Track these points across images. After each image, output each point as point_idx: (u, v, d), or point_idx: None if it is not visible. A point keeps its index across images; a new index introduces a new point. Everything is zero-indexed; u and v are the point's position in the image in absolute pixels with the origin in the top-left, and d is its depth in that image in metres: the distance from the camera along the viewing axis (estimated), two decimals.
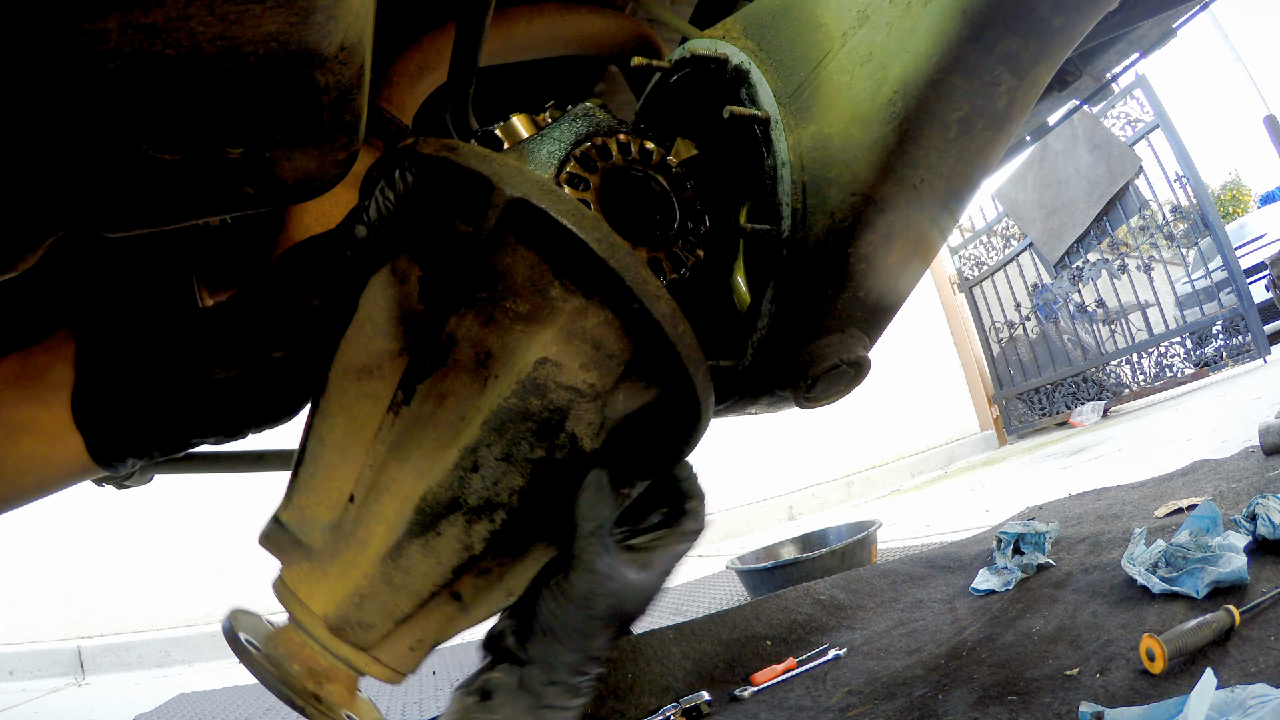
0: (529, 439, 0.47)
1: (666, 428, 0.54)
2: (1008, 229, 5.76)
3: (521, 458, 0.47)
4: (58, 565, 3.32)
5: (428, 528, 0.47)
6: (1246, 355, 4.30)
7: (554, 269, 0.46)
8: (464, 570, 0.49)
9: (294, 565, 0.52)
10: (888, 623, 1.35)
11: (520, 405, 0.46)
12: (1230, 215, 13.42)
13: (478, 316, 0.46)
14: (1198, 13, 1.31)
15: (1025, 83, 0.59)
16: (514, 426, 0.46)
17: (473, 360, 0.46)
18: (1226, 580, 0.96)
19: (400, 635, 0.50)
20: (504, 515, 0.48)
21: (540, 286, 0.46)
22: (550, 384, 0.46)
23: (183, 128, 0.41)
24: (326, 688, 0.49)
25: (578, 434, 0.48)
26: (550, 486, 0.48)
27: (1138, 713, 0.70)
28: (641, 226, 0.58)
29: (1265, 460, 1.72)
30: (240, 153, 0.43)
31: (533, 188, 0.45)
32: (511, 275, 0.46)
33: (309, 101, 0.42)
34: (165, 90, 0.37)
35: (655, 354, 0.48)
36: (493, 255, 0.46)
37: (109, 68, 0.35)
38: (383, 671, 0.51)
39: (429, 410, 0.47)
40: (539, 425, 0.47)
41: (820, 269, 0.63)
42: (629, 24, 0.96)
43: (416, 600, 0.49)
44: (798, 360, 0.67)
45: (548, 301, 0.46)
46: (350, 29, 0.39)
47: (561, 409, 0.47)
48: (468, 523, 0.48)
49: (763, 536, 3.96)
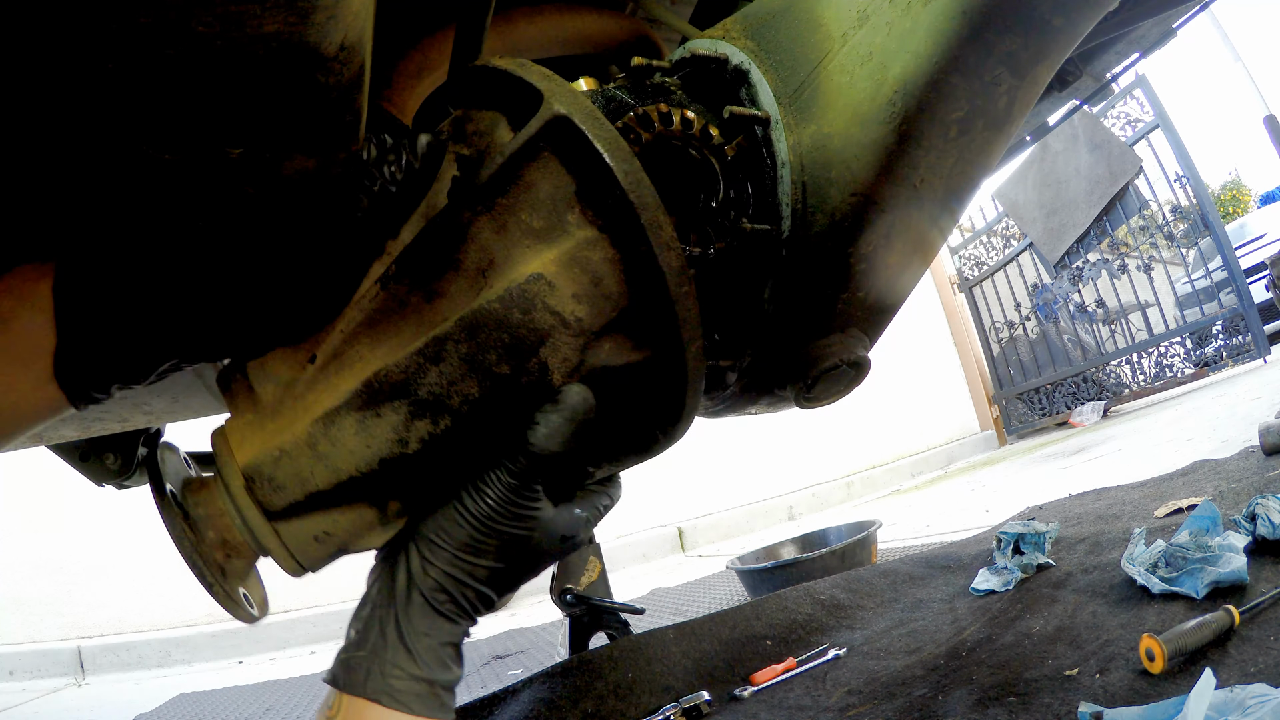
0: (499, 350, 0.45)
1: (647, 411, 0.52)
2: (1008, 229, 5.76)
3: (485, 367, 0.46)
4: (58, 565, 3.32)
5: (369, 405, 0.46)
6: (1246, 355, 4.30)
7: (578, 193, 0.46)
8: (391, 471, 0.47)
9: (239, 415, 0.50)
10: (888, 623, 1.35)
11: (501, 312, 0.45)
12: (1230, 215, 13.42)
13: (492, 221, 0.46)
14: (1198, 13, 1.31)
15: (1025, 83, 0.59)
16: (488, 332, 0.45)
17: (474, 264, 0.46)
18: (1226, 580, 0.96)
19: (310, 518, 0.48)
20: (448, 422, 0.46)
21: (559, 206, 0.46)
22: (538, 302, 0.45)
23: (182, 128, 0.41)
24: (233, 561, 0.49)
25: (550, 365, 0.47)
26: (502, 416, 0.46)
27: (1137, 713, 0.70)
28: (682, 199, 0.57)
29: (1265, 460, 1.72)
30: (240, 152, 0.43)
31: (578, 109, 0.45)
32: (536, 189, 0.46)
33: (309, 101, 0.42)
34: (165, 90, 0.37)
35: (651, 311, 0.47)
36: (525, 165, 0.46)
37: (108, 67, 0.35)
38: (282, 553, 0.49)
39: (415, 300, 0.47)
40: (513, 340, 0.45)
41: (820, 269, 0.63)
42: (629, 24, 0.96)
43: (333, 478, 0.47)
44: (798, 360, 0.67)
45: (562, 223, 0.46)
46: (350, 29, 0.39)
47: (541, 332, 0.46)
48: (410, 415, 0.46)
49: (763, 536, 3.96)
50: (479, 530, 0.46)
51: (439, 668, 0.46)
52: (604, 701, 1.16)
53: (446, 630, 0.47)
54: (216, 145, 0.42)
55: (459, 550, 0.46)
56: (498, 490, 0.46)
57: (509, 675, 1.85)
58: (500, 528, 0.46)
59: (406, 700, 0.45)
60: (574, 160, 0.46)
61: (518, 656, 2.12)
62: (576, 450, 0.48)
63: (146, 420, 1.00)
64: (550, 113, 0.45)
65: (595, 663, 1.25)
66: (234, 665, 2.97)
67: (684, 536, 4.35)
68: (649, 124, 0.56)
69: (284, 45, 0.36)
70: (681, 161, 0.58)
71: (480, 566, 0.47)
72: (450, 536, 0.46)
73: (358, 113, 0.47)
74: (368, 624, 0.46)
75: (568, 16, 0.92)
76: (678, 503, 4.53)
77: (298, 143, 0.45)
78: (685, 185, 0.58)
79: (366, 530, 0.50)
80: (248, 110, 0.41)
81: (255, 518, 0.48)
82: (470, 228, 0.46)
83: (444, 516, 0.47)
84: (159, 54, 0.35)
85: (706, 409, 0.79)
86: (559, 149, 0.46)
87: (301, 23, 0.36)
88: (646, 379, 0.50)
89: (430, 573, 0.46)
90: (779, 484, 4.90)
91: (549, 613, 2.78)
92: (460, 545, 0.46)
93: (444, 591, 0.46)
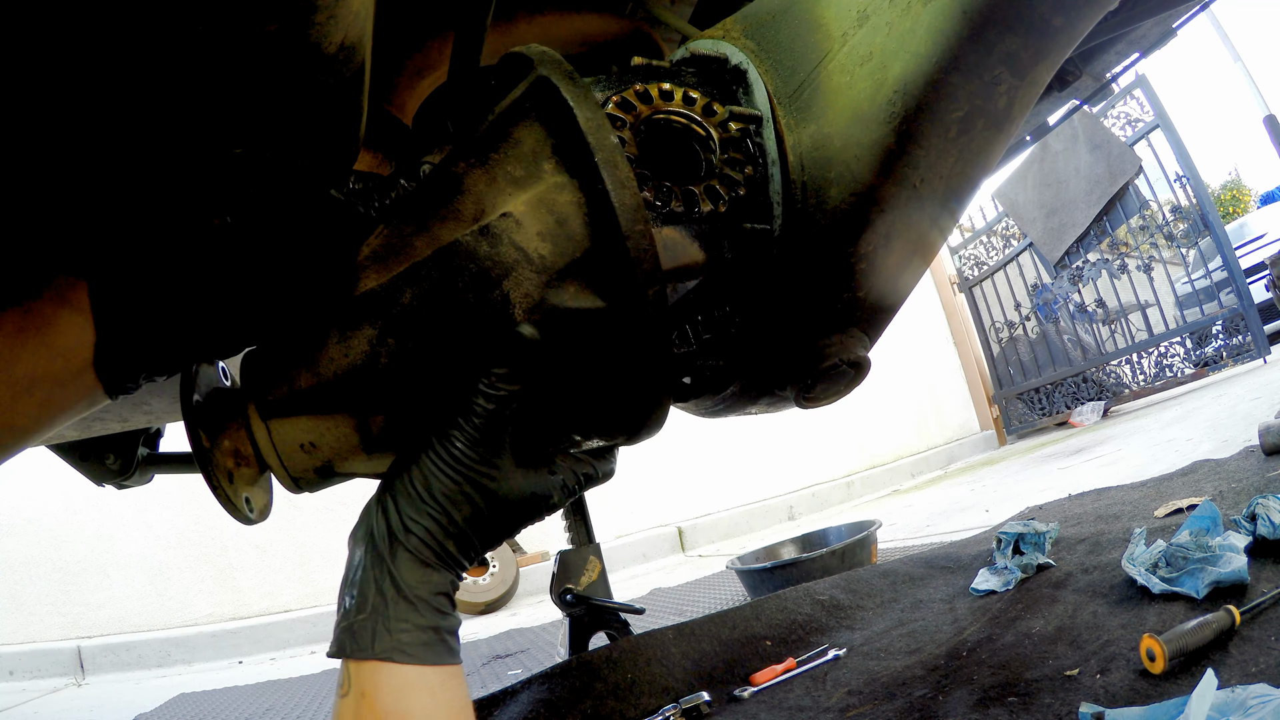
0: (465, 278, 0.49)
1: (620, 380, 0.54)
2: (1008, 229, 5.76)
3: (452, 294, 0.49)
4: (58, 565, 3.32)
5: (351, 319, 0.50)
6: (1246, 355, 4.30)
7: (555, 147, 0.51)
8: (364, 383, 0.50)
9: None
10: (887, 623, 1.35)
11: (471, 244, 0.49)
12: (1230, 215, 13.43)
13: (485, 174, 0.51)
14: (1198, 13, 1.31)
15: (1025, 83, 0.59)
16: (458, 261, 0.49)
17: (469, 212, 0.51)
18: (1227, 580, 0.96)
19: (296, 422, 0.52)
20: (415, 343, 0.50)
21: (538, 158, 0.51)
22: (504, 236, 0.49)
23: (183, 128, 0.41)
24: (242, 470, 0.53)
25: (511, 298, 0.50)
26: (467, 343, 0.50)
27: (1138, 713, 0.70)
28: (683, 169, 0.61)
29: (1265, 460, 1.72)
30: (240, 152, 0.43)
31: (557, 72, 0.51)
32: (521, 144, 0.52)
33: (309, 101, 0.42)
34: (165, 90, 0.37)
35: (609, 253, 0.50)
36: (514, 122, 0.52)
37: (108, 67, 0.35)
38: (273, 458, 0.52)
39: (409, 237, 0.51)
40: (479, 270, 0.49)
41: (820, 269, 0.63)
42: (629, 24, 0.96)
43: (316, 381, 0.51)
44: (798, 360, 0.67)
45: (538, 171, 0.51)
46: (350, 29, 0.39)
47: (505, 265, 0.50)
48: (383, 331, 0.50)
49: (763, 536, 3.96)
50: (450, 477, 0.48)
51: (438, 615, 0.48)
52: (604, 702, 1.16)
53: (436, 580, 0.48)
54: (217, 145, 0.42)
55: (433, 500, 0.48)
56: (463, 436, 0.48)
57: (509, 675, 1.85)
58: (468, 474, 0.48)
59: (416, 652, 0.46)
60: (552, 117, 0.51)
61: (518, 656, 2.12)
62: (539, 402, 0.51)
63: (146, 420, 1.00)
64: (534, 75, 0.51)
65: (595, 663, 1.25)
66: (234, 665, 2.97)
67: (684, 536, 4.35)
68: (648, 99, 0.60)
69: (284, 45, 0.36)
70: (684, 134, 0.61)
71: (455, 516, 0.49)
72: (423, 488, 0.48)
73: (358, 112, 0.47)
74: (363, 588, 0.47)
75: (568, 17, 0.92)
76: (678, 503, 4.53)
77: (298, 142, 0.45)
78: (688, 156, 0.61)
79: (349, 451, 0.53)
80: (248, 110, 0.41)
81: (253, 412, 0.52)
82: (465, 179, 0.51)
83: (417, 468, 0.49)
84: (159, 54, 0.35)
85: (706, 409, 0.79)
86: (541, 109, 0.52)
87: (302, 22, 0.36)
88: (611, 338, 0.53)
89: (411, 527, 0.48)
90: (779, 484, 4.90)
91: (549, 613, 2.78)
92: (433, 495, 0.48)
93: (426, 543, 0.48)
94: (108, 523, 3.39)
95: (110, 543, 3.40)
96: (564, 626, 1.46)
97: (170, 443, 1.33)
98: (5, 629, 3.19)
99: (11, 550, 3.32)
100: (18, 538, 3.33)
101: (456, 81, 0.64)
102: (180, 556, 3.42)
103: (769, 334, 0.67)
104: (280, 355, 0.52)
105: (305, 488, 0.55)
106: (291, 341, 0.51)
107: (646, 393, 0.55)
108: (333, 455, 0.53)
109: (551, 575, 1.46)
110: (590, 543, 1.53)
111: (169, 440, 1.33)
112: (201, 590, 3.39)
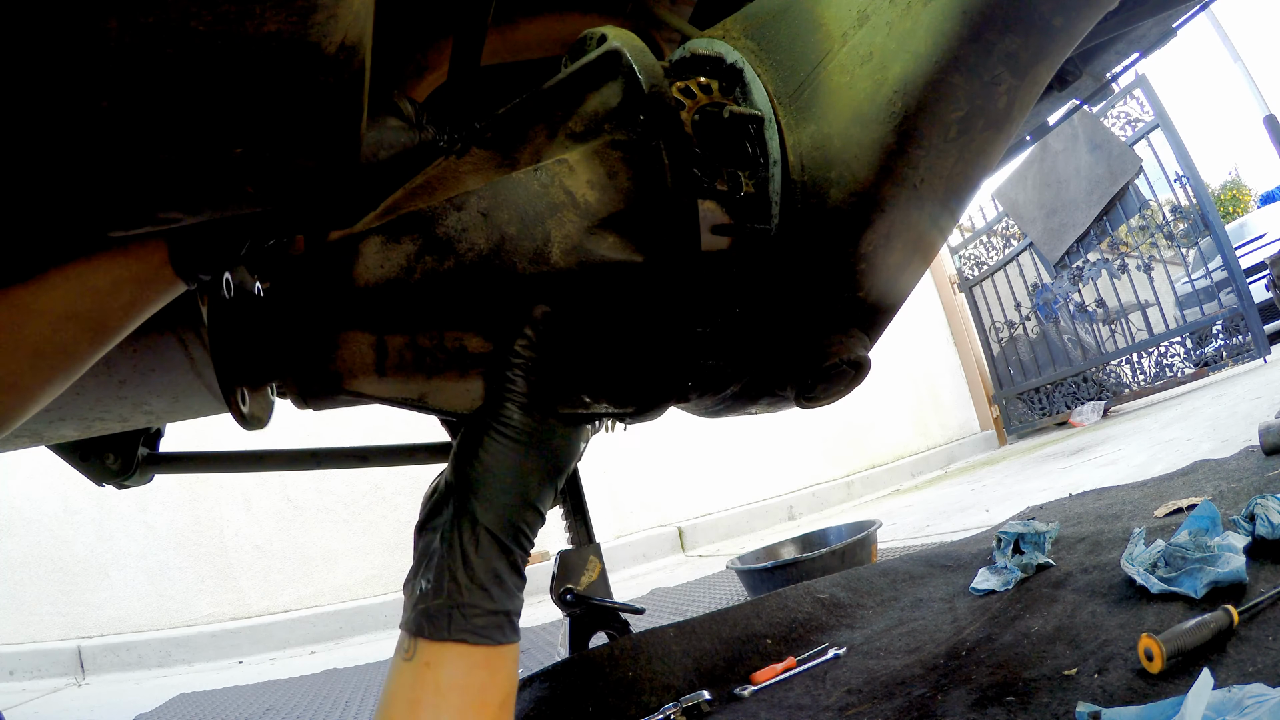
0: (511, 210, 0.52)
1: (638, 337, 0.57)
2: (1008, 229, 5.75)
3: (496, 224, 0.52)
4: (58, 565, 3.32)
5: (395, 233, 0.52)
6: (1246, 355, 4.30)
7: (616, 110, 0.55)
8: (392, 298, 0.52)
9: None
10: (887, 622, 1.35)
11: (523, 180, 0.52)
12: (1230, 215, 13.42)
13: (546, 125, 0.55)
14: (1198, 13, 1.31)
15: (1025, 82, 0.59)
16: (507, 192, 0.52)
17: (525, 159, 0.54)
18: (1225, 580, 0.96)
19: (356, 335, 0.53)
20: (451, 264, 0.52)
21: (599, 117, 0.55)
22: (556, 180, 0.53)
23: (183, 127, 0.41)
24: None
25: (552, 237, 0.52)
26: (504, 274, 0.52)
27: (1135, 712, 0.70)
28: (732, 154, 0.64)
29: (1265, 460, 1.72)
30: (240, 151, 0.44)
31: (629, 47, 0.56)
32: (585, 102, 0.56)
33: (310, 101, 0.42)
34: (165, 90, 0.37)
35: (653, 211, 0.53)
36: (582, 86, 0.56)
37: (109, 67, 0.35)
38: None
39: (465, 172, 0.54)
40: (525, 204, 0.52)
41: (821, 269, 0.63)
42: (629, 24, 0.96)
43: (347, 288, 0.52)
44: (798, 360, 0.67)
45: (598, 129, 0.55)
46: (351, 28, 0.40)
47: (552, 205, 0.52)
48: (422, 248, 0.51)
49: (763, 536, 3.96)
50: (515, 448, 0.51)
51: (510, 598, 0.51)
52: (604, 700, 1.17)
53: (509, 562, 0.51)
54: (217, 144, 0.43)
55: (505, 475, 0.51)
56: (515, 402, 0.52)
57: None
58: (532, 438, 0.52)
59: (488, 633, 0.50)
60: (619, 84, 0.55)
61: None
62: (564, 355, 0.54)
63: (147, 420, 1.00)
64: (608, 46, 0.56)
65: (596, 661, 1.25)
66: (234, 665, 2.97)
67: (684, 536, 4.35)
68: (691, 94, 0.64)
69: (284, 45, 0.37)
70: (727, 121, 0.64)
71: (527, 486, 0.52)
72: (495, 465, 0.51)
73: (358, 112, 0.47)
74: (439, 573, 0.50)
75: (568, 17, 0.92)
76: (678, 503, 4.53)
77: (298, 142, 0.45)
78: (734, 141, 0.64)
79: (361, 368, 0.54)
80: (248, 110, 0.41)
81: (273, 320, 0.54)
82: (528, 127, 0.55)
83: (484, 450, 0.51)
84: (159, 53, 0.35)
85: (706, 408, 0.79)
86: (610, 77, 0.56)
87: (302, 22, 0.36)
88: (642, 297, 0.55)
89: (488, 510, 0.51)
90: (779, 484, 4.90)
91: (549, 613, 2.79)
92: (505, 470, 0.51)
93: (504, 522, 0.51)
94: (108, 522, 3.39)
95: (110, 542, 3.40)
96: (564, 626, 1.46)
97: (170, 443, 1.33)
98: (5, 629, 3.19)
99: (11, 550, 3.32)
100: (18, 538, 3.33)
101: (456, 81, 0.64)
102: (180, 556, 3.42)
103: (769, 333, 0.67)
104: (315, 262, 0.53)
105: (311, 404, 0.56)
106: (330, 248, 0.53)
107: (667, 364, 0.57)
108: (344, 370, 0.54)
109: (552, 575, 1.46)
110: (590, 543, 1.53)
111: (169, 440, 1.33)
112: (202, 590, 3.39)
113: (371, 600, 3.38)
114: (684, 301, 0.55)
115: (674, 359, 0.57)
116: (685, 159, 0.54)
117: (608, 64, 0.56)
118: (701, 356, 0.67)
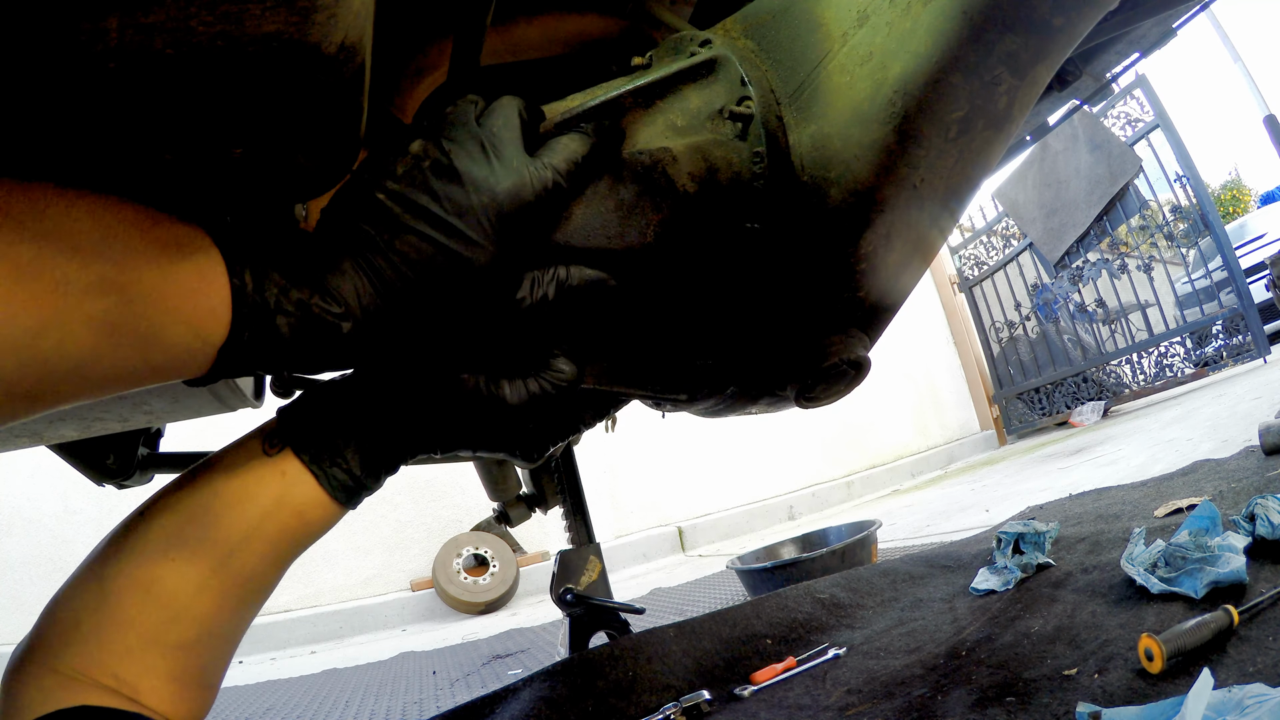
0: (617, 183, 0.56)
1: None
2: (1008, 229, 5.76)
3: (602, 194, 0.56)
4: (59, 565, 3.32)
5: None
6: (1246, 355, 4.30)
7: (720, 111, 0.59)
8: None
9: None
10: (887, 622, 1.35)
11: (629, 157, 0.56)
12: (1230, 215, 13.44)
13: (646, 114, 0.58)
14: (1198, 13, 1.31)
15: (1025, 82, 0.59)
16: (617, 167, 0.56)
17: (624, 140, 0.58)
18: (1225, 580, 0.96)
19: None
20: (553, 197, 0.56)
21: (701, 115, 0.59)
22: (658, 167, 0.56)
23: (183, 128, 0.41)
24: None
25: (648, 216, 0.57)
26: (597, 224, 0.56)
27: (1135, 712, 0.70)
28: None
29: (1265, 460, 1.72)
30: (240, 152, 0.44)
31: (736, 52, 0.61)
32: (688, 100, 0.59)
33: (309, 101, 0.42)
34: (165, 90, 0.37)
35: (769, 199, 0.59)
36: (685, 83, 0.59)
37: (108, 67, 0.35)
38: None
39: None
40: (628, 179, 0.56)
41: (820, 269, 0.63)
42: (629, 24, 0.96)
43: None
44: (798, 360, 0.67)
45: (700, 126, 0.58)
46: (351, 28, 0.40)
47: (650, 191, 0.56)
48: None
49: (763, 536, 3.97)
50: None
51: None
52: (604, 700, 1.17)
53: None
54: (216, 145, 0.43)
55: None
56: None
57: (509, 675, 1.85)
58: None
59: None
60: (724, 86, 0.59)
61: (518, 656, 2.12)
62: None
63: (147, 420, 1.00)
64: (715, 52, 0.60)
65: (596, 661, 1.25)
66: (234, 665, 2.97)
67: (684, 536, 4.35)
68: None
69: (284, 45, 0.37)
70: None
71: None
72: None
73: (358, 112, 0.47)
74: None
75: (567, 17, 0.92)
76: (678, 503, 4.53)
77: (298, 142, 0.45)
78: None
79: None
80: (248, 110, 0.41)
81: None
82: (627, 115, 0.58)
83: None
84: (159, 54, 0.35)
85: (706, 409, 0.79)
86: (713, 76, 0.60)
87: (302, 22, 0.36)
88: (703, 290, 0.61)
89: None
90: (779, 484, 4.91)
91: (549, 613, 2.79)
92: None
93: None
94: (108, 522, 3.36)
95: None
96: (564, 626, 1.47)
97: (170, 443, 1.33)
98: (5, 629, 3.19)
99: (11, 550, 3.32)
100: (18, 538, 3.33)
101: (456, 81, 0.64)
102: None
103: (769, 333, 0.67)
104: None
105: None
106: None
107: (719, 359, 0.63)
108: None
109: (552, 575, 1.46)
110: (590, 543, 1.53)
111: (169, 440, 1.33)
112: None
113: (371, 600, 3.38)
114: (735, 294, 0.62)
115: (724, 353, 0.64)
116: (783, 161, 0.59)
117: (713, 66, 0.60)
118: (701, 356, 0.68)
